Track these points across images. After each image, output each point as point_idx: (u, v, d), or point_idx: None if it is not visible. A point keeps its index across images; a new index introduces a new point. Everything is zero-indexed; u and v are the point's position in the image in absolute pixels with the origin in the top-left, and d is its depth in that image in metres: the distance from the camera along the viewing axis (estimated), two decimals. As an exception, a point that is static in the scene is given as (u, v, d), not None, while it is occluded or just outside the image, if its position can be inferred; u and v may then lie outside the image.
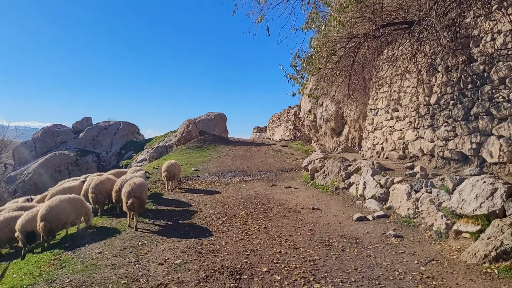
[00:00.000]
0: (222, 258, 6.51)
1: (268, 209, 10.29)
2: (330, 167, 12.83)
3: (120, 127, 47.13)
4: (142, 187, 9.27)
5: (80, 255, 6.99)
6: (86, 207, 9.11)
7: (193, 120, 33.43)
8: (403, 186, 8.68)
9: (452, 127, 9.55)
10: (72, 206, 8.59)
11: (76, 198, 8.96)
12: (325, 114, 22.12)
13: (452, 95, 9.70)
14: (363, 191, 10.18)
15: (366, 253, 6.55)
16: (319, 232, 7.97)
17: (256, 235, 7.87)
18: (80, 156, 42.11)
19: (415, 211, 8.05)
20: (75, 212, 8.64)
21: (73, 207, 8.61)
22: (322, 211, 9.84)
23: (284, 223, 8.78)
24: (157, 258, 6.59)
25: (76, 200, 8.86)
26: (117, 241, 7.71)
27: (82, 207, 8.94)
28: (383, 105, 13.48)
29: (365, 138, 15.22)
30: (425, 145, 10.61)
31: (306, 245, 7.13)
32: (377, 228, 7.94)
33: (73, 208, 8.60)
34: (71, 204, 8.63)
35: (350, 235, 7.61)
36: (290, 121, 32.85)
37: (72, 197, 8.91)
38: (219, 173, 18.76)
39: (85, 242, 7.81)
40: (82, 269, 6.16)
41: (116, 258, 6.67)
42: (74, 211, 8.63)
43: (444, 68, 9.99)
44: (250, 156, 24.29)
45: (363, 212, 9.16)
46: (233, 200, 11.78)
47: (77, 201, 8.89)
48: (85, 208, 9.05)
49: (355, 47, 10.34)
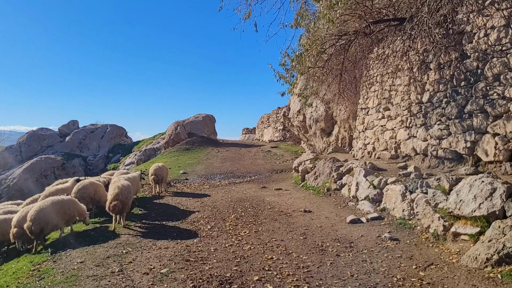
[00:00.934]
0: (211, 266, 6.17)
1: (258, 213, 9.98)
2: (321, 168, 12.57)
3: (107, 130, 46.45)
4: (129, 190, 9.30)
5: (60, 265, 6.61)
6: (79, 208, 8.87)
7: (182, 122, 33.02)
8: (397, 187, 8.43)
9: (446, 126, 9.34)
10: (63, 208, 8.36)
11: (68, 200, 8.72)
12: (314, 115, 21.89)
13: (445, 92, 9.49)
14: (355, 192, 9.93)
15: (361, 257, 6.27)
16: (312, 236, 7.68)
17: (246, 240, 7.55)
18: (66, 160, 41.37)
19: (411, 212, 7.80)
20: (67, 214, 8.43)
21: (65, 209, 8.39)
22: (314, 213, 9.55)
23: (275, 227, 8.47)
24: (142, 267, 6.24)
25: (68, 202, 8.63)
26: (101, 249, 7.34)
27: (75, 209, 8.70)
28: (374, 104, 13.26)
29: (356, 138, 14.99)
30: (418, 144, 10.39)
31: (299, 250, 6.82)
32: (371, 231, 7.67)
33: (65, 210, 8.39)
34: (62, 206, 8.39)
35: (344, 239, 7.33)
36: (279, 122, 32.62)
37: (63, 198, 8.68)
38: (208, 175, 18.41)
39: (69, 248, 7.43)
40: (61, 280, 5.79)
41: (98, 268, 6.31)
42: (67, 213, 8.42)
43: (436, 65, 9.78)
44: (239, 158, 23.98)
45: (357, 214, 8.89)
46: (222, 203, 11.44)
47: (70, 202, 8.66)
48: (78, 209, 8.81)
49: (346, 44, 10.09)
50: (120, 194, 8.88)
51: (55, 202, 8.33)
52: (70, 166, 40.88)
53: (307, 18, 9.59)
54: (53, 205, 8.20)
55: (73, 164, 41.21)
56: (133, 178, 12.27)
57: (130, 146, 44.26)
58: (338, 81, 11.49)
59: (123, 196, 8.92)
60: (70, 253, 7.21)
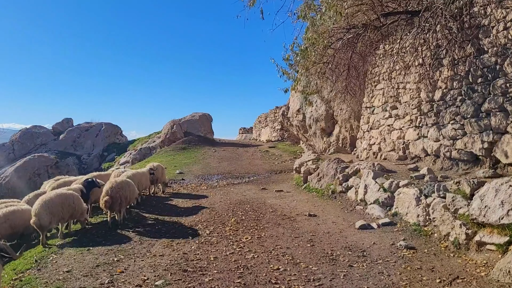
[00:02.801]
0: (211, 277, 5.56)
1: (260, 216, 9.38)
2: (325, 169, 11.97)
3: (102, 128, 45.65)
4: (123, 185, 9.16)
5: (45, 273, 6.00)
6: (81, 207, 8.51)
7: (178, 120, 32.34)
8: (410, 190, 7.84)
9: (461, 125, 8.76)
10: (68, 202, 8.10)
11: (72, 195, 8.37)
12: (314, 114, 21.32)
13: (459, 90, 8.92)
14: (364, 196, 9.33)
15: (377, 269, 5.68)
16: (320, 243, 7.08)
17: (249, 248, 6.94)
18: (60, 159, 40.57)
19: (426, 218, 7.21)
20: (72, 208, 8.16)
21: (70, 203, 8.13)
22: (319, 218, 8.96)
23: (279, 233, 7.86)
24: (135, 278, 5.62)
25: (73, 197, 8.32)
26: (90, 256, 6.72)
27: (79, 206, 8.38)
28: (380, 103, 12.69)
29: (360, 138, 14.41)
30: (429, 145, 9.82)
31: (307, 259, 6.23)
32: (384, 238, 7.09)
33: (70, 203, 8.13)
34: (68, 199, 8.11)
35: (355, 247, 6.74)
36: (277, 122, 32.03)
37: (68, 193, 8.38)
38: (205, 175, 17.79)
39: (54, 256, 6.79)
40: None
41: (86, 278, 5.69)
42: (72, 206, 8.16)
43: (450, 62, 9.21)
44: (237, 158, 23.37)
45: (366, 219, 8.30)
46: (221, 206, 10.84)
47: (74, 197, 8.34)
48: (80, 208, 8.45)
49: (354, 38, 9.50)
50: (110, 190, 8.83)
51: (60, 195, 8.12)
52: (64, 164, 40.08)
53: (314, 9, 8.96)
54: (58, 198, 8.00)
55: (67, 162, 40.41)
56: (142, 174, 12.04)
57: (125, 145, 43.53)
58: (344, 77, 10.89)
59: (113, 192, 8.81)
60: (56, 261, 6.59)
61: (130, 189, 9.51)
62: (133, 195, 9.79)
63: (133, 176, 11.17)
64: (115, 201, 8.78)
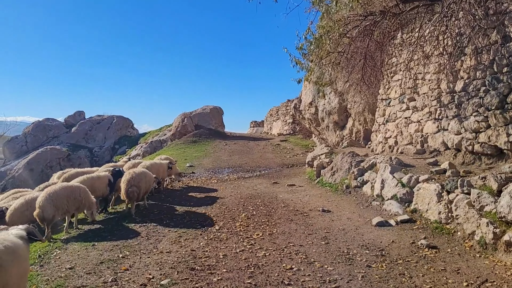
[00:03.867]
0: (220, 277, 5.23)
1: (271, 211, 9.03)
2: (339, 163, 11.55)
3: (113, 121, 45.67)
4: (142, 177, 9.29)
5: (47, 270, 5.72)
6: (89, 199, 8.30)
7: (189, 114, 32.07)
8: (431, 186, 7.41)
9: (484, 117, 8.27)
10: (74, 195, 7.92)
11: (79, 187, 8.19)
12: (327, 107, 20.87)
13: (483, 80, 8.43)
14: (380, 191, 8.92)
15: (398, 270, 5.29)
16: (335, 240, 6.71)
17: (260, 245, 6.60)
18: (72, 151, 40.72)
19: (448, 215, 6.79)
20: (78, 201, 7.98)
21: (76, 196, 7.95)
22: (334, 213, 8.58)
23: (291, 229, 7.50)
24: (140, 277, 5.32)
25: (80, 190, 8.12)
26: (94, 252, 6.44)
27: (86, 199, 8.17)
28: (396, 95, 12.21)
29: (376, 131, 13.94)
30: (450, 138, 9.35)
31: (322, 258, 5.86)
32: (403, 236, 6.69)
33: (76, 196, 7.94)
34: (73, 192, 7.93)
35: (373, 245, 6.36)
36: (289, 115, 31.59)
37: (74, 185, 8.22)
38: (215, 169, 17.48)
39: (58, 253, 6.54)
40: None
41: (89, 276, 5.41)
42: (78, 199, 7.98)
43: (473, 50, 8.72)
44: (248, 151, 23.01)
45: (383, 216, 7.90)
46: (231, 200, 10.51)
47: (81, 190, 8.13)
48: (88, 200, 8.24)
49: (371, 25, 9.04)
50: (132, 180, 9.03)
51: (65, 188, 7.94)
52: (76, 157, 40.23)
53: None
54: (64, 190, 7.82)
55: (78, 155, 40.56)
56: (159, 165, 12.01)
57: (136, 138, 43.51)
58: (360, 67, 10.43)
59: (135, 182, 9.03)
60: (60, 256, 6.33)
61: (147, 180, 9.58)
62: (150, 186, 9.96)
63: (151, 166, 11.23)
64: (136, 192, 8.96)
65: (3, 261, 3.38)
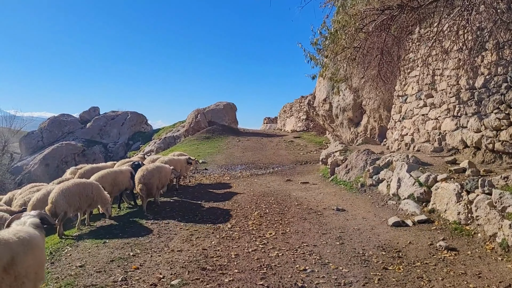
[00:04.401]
0: (231, 277, 5.10)
1: (285, 210, 8.87)
2: (354, 161, 11.33)
3: (128, 117, 45.94)
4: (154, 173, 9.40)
5: (57, 268, 5.69)
6: (102, 196, 8.20)
7: (202, 110, 32.03)
8: (450, 185, 7.16)
9: (506, 114, 7.98)
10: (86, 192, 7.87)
11: (91, 184, 8.14)
12: (342, 103, 20.57)
13: (505, 76, 8.13)
14: (397, 190, 8.68)
15: (416, 273, 5.10)
16: (350, 241, 6.53)
17: (272, 244, 6.46)
18: (87, 147, 41.10)
19: (468, 216, 6.56)
20: (90, 198, 7.94)
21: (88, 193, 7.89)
22: (348, 212, 8.39)
23: (305, 228, 7.34)
24: (150, 276, 5.23)
25: (92, 186, 8.06)
26: (105, 250, 6.38)
27: (98, 195, 8.09)
28: (413, 91, 11.91)
29: (391, 128, 13.65)
30: (469, 136, 9.06)
31: (337, 259, 5.70)
32: (421, 237, 6.47)
33: (88, 193, 7.89)
34: (86, 189, 7.89)
35: (389, 246, 6.16)
36: (302, 111, 31.34)
37: (87, 182, 8.18)
38: (228, 166, 17.39)
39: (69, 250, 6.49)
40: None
41: (99, 274, 5.33)
42: (90, 196, 7.93)
43: (494, 45, 8.42)
44: (261, 148, 22.87)
45: (399, 216, 7.69)
46: (244, 197, 10.38)
47: (94, 187, 8.06)
48: (100, 197, 8.15)
49: (388, 20, 8.79)
50: (143, 178, 9.14)
51: (78, 184, 7.89)
52: (91, 153, 40.64)
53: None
54: (76, 187, 7.77)
55: (93, 151, 40.97)
56: (177, 161, 12.13)
57: (150, 133, 43.74)
58: (377, 63, 10.17)
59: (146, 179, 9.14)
60: (71, 254, 6.28)
61: (162, 175, 9.65)
62: (166, 180, 10.12)
63: (169, 162, 11.36)
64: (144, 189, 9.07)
65: (17, 253, 3.42)
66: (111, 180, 9.18)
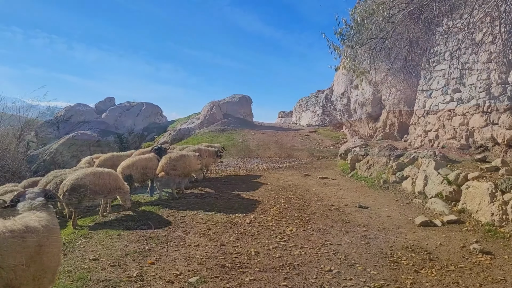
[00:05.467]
0: (252, 276, 4.81)
1: (304, 205, 8.55)
2: (375, 157, 10.95)
3: (143, 108, 45.88)
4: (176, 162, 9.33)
5: (70, 260, 5.44)
6: (120, 185, 7.89)
7: (217, 102, 31.78)
8: (483, 184, 6.77)
9: (542, 111, 7.55)
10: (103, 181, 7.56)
11: (109, 173, 7.81)
12: (360, 98, 20.12)
13: (542, 70, 7.68)
14: (423, 188, 8.30)
15: (450, 277, 4.74)
16: (375, 240, 6.19)
17: (294, 242, 6.15)
18: (102, 137, 41.18)
19: (503, 217, 6.17)
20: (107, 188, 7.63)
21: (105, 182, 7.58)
22: (372, 210, 8.04)
23: (327, 226, 7.02)
24: (166, 272, 4.96)
25: (110, 175, 7.74)
26: (119, 243, 6.13)
27: (116, 186, 7.78)
28: (439, 85, 11.44)
29: (414, 123, 13.20)
30: (500, 133, 8.62)
31: (363, 260, 5.36)
32: (452, 239, 6.11)
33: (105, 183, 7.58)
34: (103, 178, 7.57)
35: (418, 247, 5.81)
36: (318, 106, 30.89)
37: (105, 171, 7.82)
38: (244, 159, 17.14)
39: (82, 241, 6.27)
40: (64, 285, 4.59)
41: (113, 269, 5.08)
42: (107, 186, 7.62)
43: (531, 37, 7.96)
44: (276, 142, 22.55)
45: (427, 215, 7.32)
46: (261, 191, 10.09)
47: (111, 176, 7.75)
48: (118, 187, 7.83)
49: (418, 9, 8.37)
50: (166, 166, 9.06)
51: (94, 173, 7.59)
52: (106, 143, 40.67)
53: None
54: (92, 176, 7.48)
55: (108, 141, 41.00)
56: (204, 151, 12.04)
57: (164, 125, 43.65)
58: (404, 55, 9.74)
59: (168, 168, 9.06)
60: (84, 246, 6.06)
61: (186, 164, 9.56)
62: (191, 169, 10.03)
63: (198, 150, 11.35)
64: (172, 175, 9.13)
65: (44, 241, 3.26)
66: (143, 167, 9.10)
